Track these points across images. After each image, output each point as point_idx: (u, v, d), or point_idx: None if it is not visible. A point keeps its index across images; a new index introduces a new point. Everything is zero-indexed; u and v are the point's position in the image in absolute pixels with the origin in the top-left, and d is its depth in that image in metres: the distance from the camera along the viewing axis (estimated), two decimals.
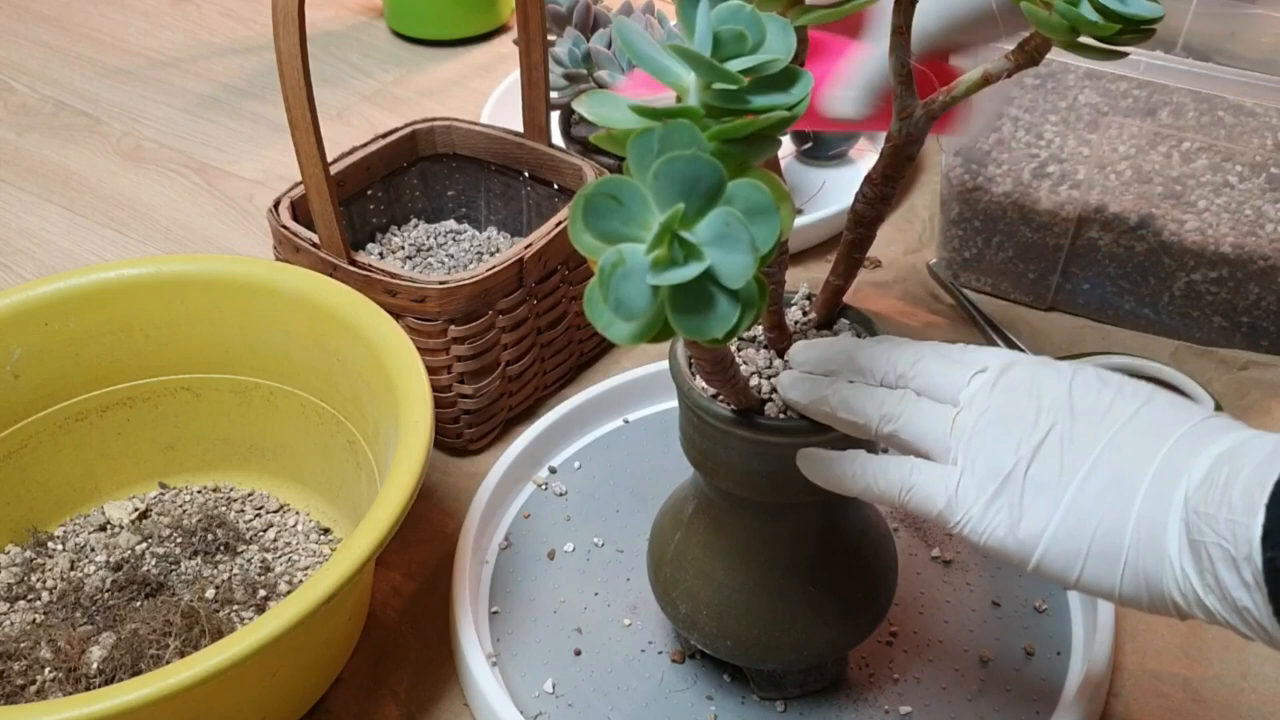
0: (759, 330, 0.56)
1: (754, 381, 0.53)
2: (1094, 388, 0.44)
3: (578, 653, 0.66)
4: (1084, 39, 0.45)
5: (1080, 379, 0.44)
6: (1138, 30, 0.44)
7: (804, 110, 0.36)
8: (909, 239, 0.97)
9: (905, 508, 0.46)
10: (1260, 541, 0.36)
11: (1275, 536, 0.36)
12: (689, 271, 0.32)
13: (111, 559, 0.70)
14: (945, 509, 0.44)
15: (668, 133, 0.32)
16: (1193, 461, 0.40)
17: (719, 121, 0.34)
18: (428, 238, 0.90)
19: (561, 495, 0.75)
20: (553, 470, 0.77)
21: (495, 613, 0.68)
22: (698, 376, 0.53)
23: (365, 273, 0.73)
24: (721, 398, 0.51)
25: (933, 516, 0.45)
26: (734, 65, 0.34)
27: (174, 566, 0.70)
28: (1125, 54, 0.46)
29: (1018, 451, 0.43)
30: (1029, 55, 0.47)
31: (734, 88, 0.35)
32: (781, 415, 0.52)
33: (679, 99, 0.36)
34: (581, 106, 0.36)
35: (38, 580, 0.69)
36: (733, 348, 0.56)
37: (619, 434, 0.80)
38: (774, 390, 0.53)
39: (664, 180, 0.32)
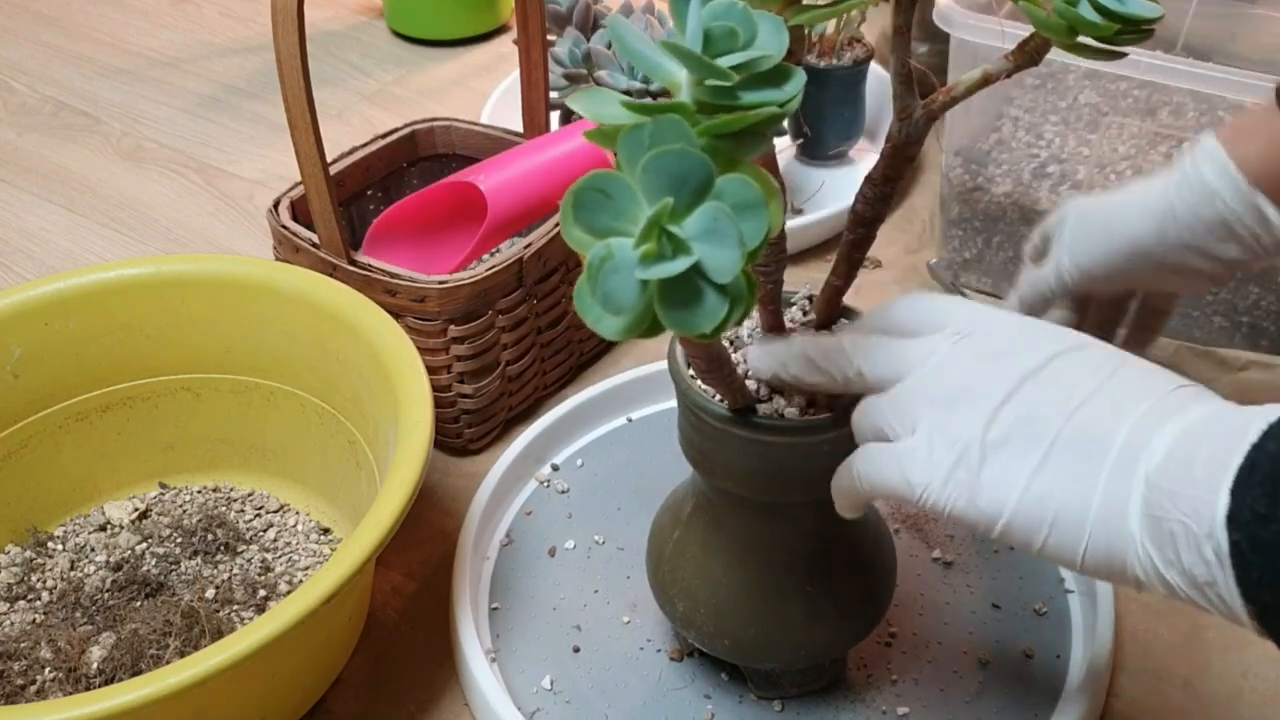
0: (758, 329, 0.56)
1: (752, 383, 0.53)
2: (1057, 352, 0.43)
3: (576, 650, 0.66)
4: (1083, 39, 0.45)
5: (1041, 345, 0.43)
6: (1137, 30, 0.44)
7: (795, 106, 0.36)
8: (909, 239, 0.97)
9: (872, 495, 0.45)
10: (1225, 523, 0.36)
11: (1239, 518, 0.36)
12: (677, 266, 0.32)
13: (111, 559, 0.70)
14: (903, 485, 0.43)
15: (658, 128, 0.32)
16: (1156, 436, 0.40)
17: (710, 118, 0.34)
18: None
19: (563, 493, 0.75)
20: (555, 467, 0.77)
21: (495, 609, 0.68)
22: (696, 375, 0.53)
23: (365, 273, 0.73)
24: (719, 396, 0.51)
25: (897, 495, 0.44)
26: (725, 61, 0.34)
27: (174, 566, 0.70)
28: (1124, 54, 0.46)
29: (976, 420, 0.42)
30: (1028, 55, 0.47)
31: (725, 84, 0.35)
32: (778, 415, 0.52)
33: (671, 95, 0.36)
34: (575, 103, 0.36)
35: (38, 580, 0.69)
36: (728, 346, 0.56)
37: (622, 432, 0.80)
38: (771, 390, 0.53)
39: (653, 175, 0.32)
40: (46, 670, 0.62)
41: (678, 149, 0.31)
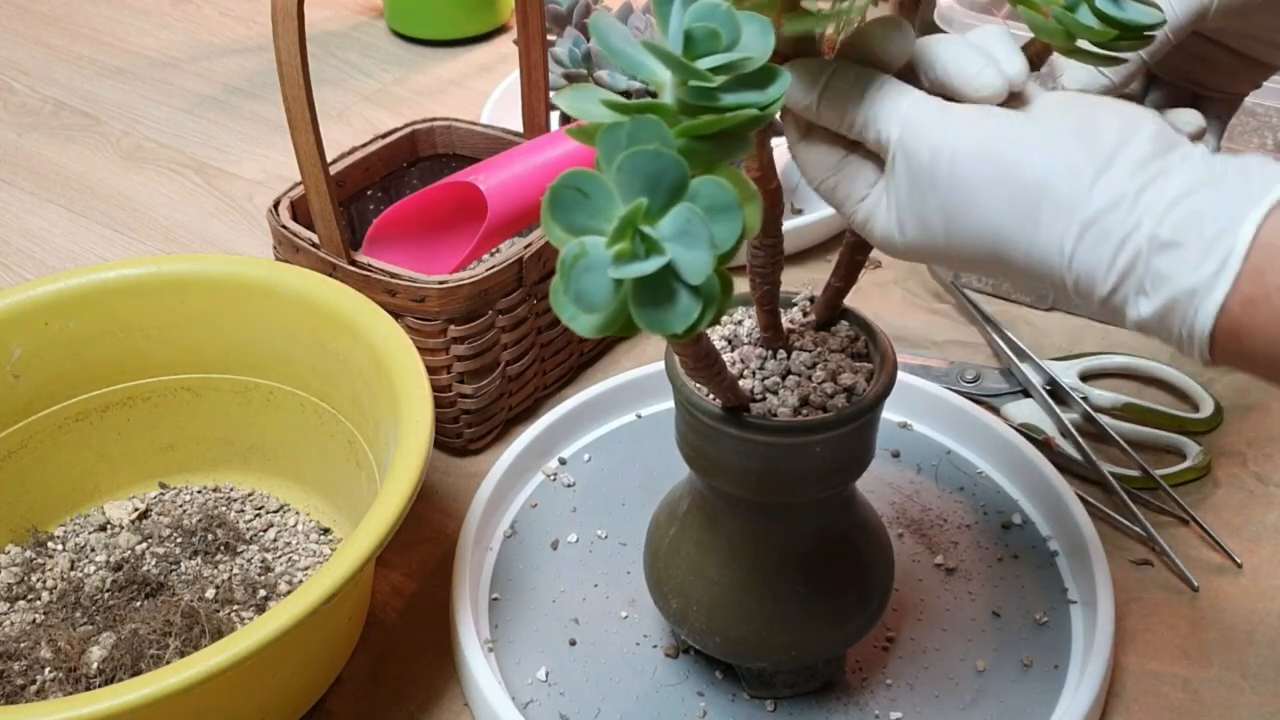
0: (756, 329, 0.56)
1: (747, 382, 0.53)
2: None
3: (573, 643, 0.66)
4: (1082, 44, 0.45)
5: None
6: (1136, 36, 0.44)
7: (777, 110, 0.36)
8: None
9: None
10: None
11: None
12: (649, 266, 0.33)
13: (111, 559, 0.70)
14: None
15: (635, 128, 0.33)
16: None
17: (692, 118, 0.34)
18: None
19: (569, 486, 0.76)
20: (563, 461, 0.77)
21: (495, 599, 0.68)
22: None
23: (365, 273, 0.73)
24: (712, 395, 0.51)
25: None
26: (706, 63, 0.34)
27: (174, 566, 0.70)
28: (1124, 60, 0.46)
29: None
30: (1029, 59, 0.47)
31: (706, 85, 0.35)
32: (771, 414, 0.52)
33: (655, 95, 0.37)
34: (561, 100, 0.36)
35: (38, 580, 0.69)
36: (725, 345, 0.56)
37: (631, 429, 0.80)
38: (765, 389, 0.53)
39: (628, 174, 0.32)
40: (46, 670, 0.62)
41: (652, 149, 0.32)
